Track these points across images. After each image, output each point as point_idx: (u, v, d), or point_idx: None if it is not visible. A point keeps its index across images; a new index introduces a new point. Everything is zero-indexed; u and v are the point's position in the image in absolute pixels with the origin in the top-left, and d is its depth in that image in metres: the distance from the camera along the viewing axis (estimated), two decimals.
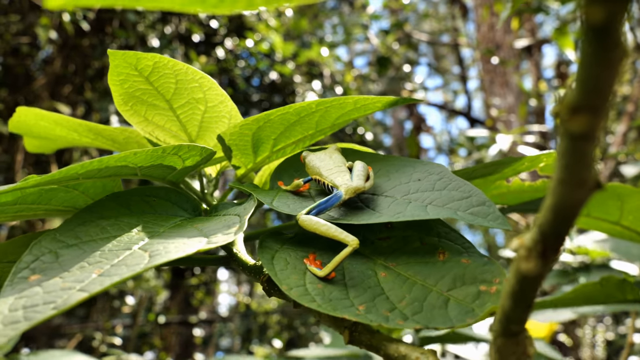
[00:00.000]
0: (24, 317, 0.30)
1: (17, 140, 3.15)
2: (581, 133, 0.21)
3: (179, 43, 3.72)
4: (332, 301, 0.37)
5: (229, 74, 3.88)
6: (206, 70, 3.38)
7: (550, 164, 0.58)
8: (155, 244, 0.37)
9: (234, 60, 3.91)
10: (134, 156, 0.41)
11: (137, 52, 0.48)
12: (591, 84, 0.19)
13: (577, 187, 0.22)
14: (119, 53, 0.48)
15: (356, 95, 0.50)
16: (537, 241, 0.24)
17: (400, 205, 0.42)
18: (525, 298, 0.26)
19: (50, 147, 0.69)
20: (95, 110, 3.44)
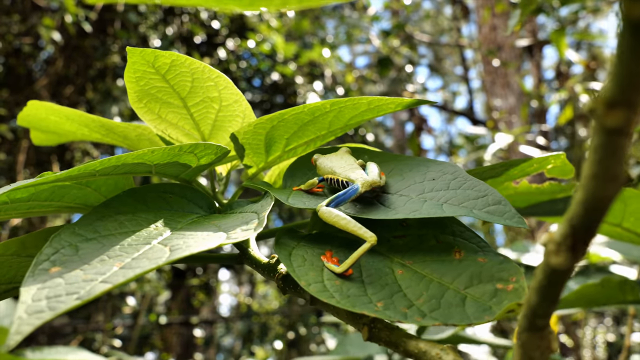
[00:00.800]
0: (48, 307, 0.30)
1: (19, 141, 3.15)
2: (617, 128, 0.21)
3: (180, 44, 3.72)
4: (350, 297, 0.37)
5: (231, 74, 3.88)
6: None
7: (559, 166, 0.58)
8: (175, 239, 0.37)
9: (235, 61, 3.91)
10: (151, 154, 0.41)
11: (155, 49, 0.48)
12: (628, 79, 0.19)
13: (609, 181, 0.22)
14: (137, 50, 0.48)
15: (370, 96, 0.50)
16: (567, 235, 0.24)
17: (416, 204, 0.42)
18: (552, 292, 0.26)
19: (56, 141, 0.69)
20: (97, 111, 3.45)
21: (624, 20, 0.18)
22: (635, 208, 0.76)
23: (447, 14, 9.77)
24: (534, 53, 5.53)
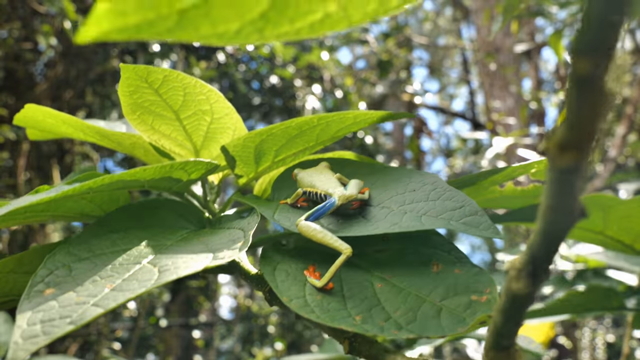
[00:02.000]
0: (42, 332, 0.32)
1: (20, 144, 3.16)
2: (569, 168, 0.22)
3: (179, 48, 3.74)
4: (330, 312, 0.39)
5: (230, 77, 3.90)
6: (206, 76, 3.39)
7: (542, 170, 0.60)
8: (164, 259, 0.39)
9: (234, 65, 3.93)
10: (143, 172, 0.43)
11: (148, 66, 0.50)
12: (578, 125, 0.21)
13: (564, 215, 0.24)
14: (130, 66, 0.50)
15: (356, 111, 0.52)
16: (527, 262, 0.26)
17: (396, 216, 0.43)
18: (515, 315, 0.28)
19: (51, 137, 0.71)
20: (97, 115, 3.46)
21: (572, 73, 0.20)
22: (616, 216, 0.77)
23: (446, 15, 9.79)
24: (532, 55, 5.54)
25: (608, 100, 0.21)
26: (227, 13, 0.22)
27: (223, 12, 0.22)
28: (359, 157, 0.62)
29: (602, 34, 0.19)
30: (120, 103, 0.55)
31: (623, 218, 0.78)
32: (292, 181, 0.55)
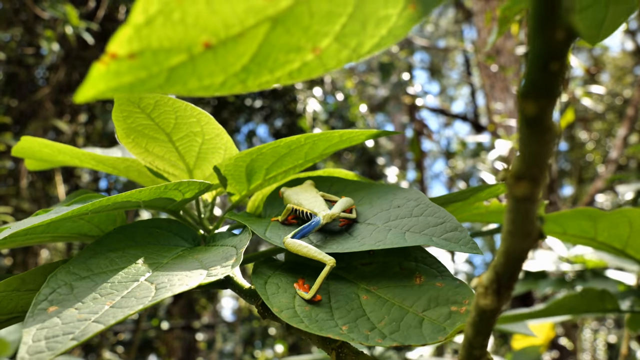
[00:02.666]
0: (47, 347, 0.34)
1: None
2: (524, 196, 0.24)
3: None
4: (319, 322, 0.41)
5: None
6: None
7: None
8: (160, 276, 0.41)
9: None
10: (138, 193, 0.45)
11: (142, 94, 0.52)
12: (530, 158, 0.23)
13: (523, 238, 0.26)
14: (123, 95, 0.52)
15: (341, 130, 0.54)
16: (492, 280, 0.28)
17: (381, 233, 0.46)
18: (484, 328, 0.30)
19: (49, 167, 0.73)
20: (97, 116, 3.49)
21: (521, 114, 0.22)
22: (605, 225, 0.81)
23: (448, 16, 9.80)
24: None
25: (554, 137, 0.23)
26: (212, 68, 0.24)
27: (208, 67, 0.24)
28: (347, 174, 0.65)
29: (544, 80, 0.21)
30: (115, 128, 0.57)
31: (611, 227, 0.81)
32: (280, 200, 0.58)
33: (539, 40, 0.20)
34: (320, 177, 0.59)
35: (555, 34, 0.20)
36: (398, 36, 0.27)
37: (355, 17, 0.25)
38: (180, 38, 0.23)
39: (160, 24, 0.22)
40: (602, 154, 6.75)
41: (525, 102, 0.22)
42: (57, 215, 0.41)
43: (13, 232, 0.41)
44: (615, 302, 1.00)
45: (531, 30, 0.20)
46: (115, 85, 0.24)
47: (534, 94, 0.21)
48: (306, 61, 0.26)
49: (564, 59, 0.20)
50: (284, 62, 0.26)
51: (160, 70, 0.24)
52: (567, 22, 0.20)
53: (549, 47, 0.20)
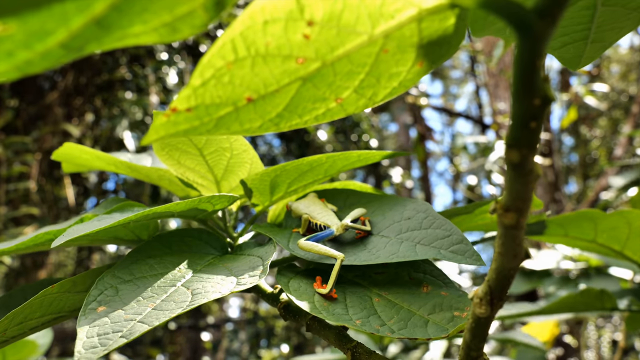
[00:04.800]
0: (100, 343, 0.39)
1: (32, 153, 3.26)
2: (511, 225, 0.30)
3: (186, 54, 3.82)
4: (335, 315, 0.46)
5: None
6: None
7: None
8: (195, 282, 0.46)
9: None
10: (176, 206, 0.51)
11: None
12: (515, 194, 0.28)
13: (511, 258, 0.31)
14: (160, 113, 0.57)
15: (359, 151, 0.59)
16: (486, 293, 0.33)
17: (394, 246, 0.51)
18: (480, 332, 0.35)
19: (84, 170, 0.79)
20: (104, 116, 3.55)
21: (506, 160, 0.27)
22: (604, 227, 0.85)
23: None
24: None
25: (535, 178, 0.28)
26: (252, 116, 0.30)
27: (249, 116, 0.29)
28: (361, 186, 0.70)
29: (525, 135, 0.26)
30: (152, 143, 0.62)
31: (611, 229, 0.85)
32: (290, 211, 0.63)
33: (521, 105, 0.25)
34: (336, 190, 0.64)
35: (533, 101, 0.25)
36: (408, 87, 0.32)
37: (371, 74, 0.30)
38: (228, 95, 0.28)
39: (212, 85, 0.28)
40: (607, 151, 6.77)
41: (510, 151, 0.27)
42: (109, 224, 0.47)
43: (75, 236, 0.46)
44: (614, 302, 1.04)
45: (514, 97, 0.25)
46: (173, 132, 0.29)
47: (516, 146, 0.26)
48: (330, 108, 0.32)
49: (541, 119, 0.26)
50: (311, 109, 0.31)
51: (210, 119, 0.29)
52: (543, 91, 0.25)
53: (529, 111, 0.25)
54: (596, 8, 0.37)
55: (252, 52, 0.27)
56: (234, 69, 0.27)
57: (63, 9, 0.19)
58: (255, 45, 0.27)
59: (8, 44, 0.20)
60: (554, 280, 1.61)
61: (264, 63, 0.27)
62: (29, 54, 0.21)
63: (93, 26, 0.21)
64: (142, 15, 0.22)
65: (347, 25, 0.27)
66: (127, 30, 0.22)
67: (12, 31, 0.19)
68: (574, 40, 0.41)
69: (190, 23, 0.23)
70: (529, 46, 0.24)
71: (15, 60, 0.21)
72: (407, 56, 0.30)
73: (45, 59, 0.21)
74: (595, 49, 0.41)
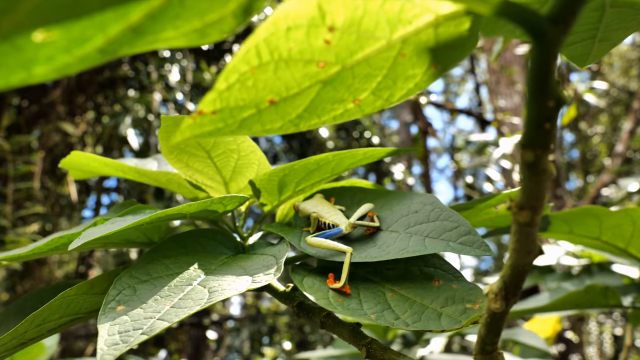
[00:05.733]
0: (121, 340, 0.40)
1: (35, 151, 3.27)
2: (525, 222, 0.30)
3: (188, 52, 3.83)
4: (350, 310, 0.47)
5: None
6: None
7: None
8: (211, 281, 0.47)
9: None
10: (188, 207, 0.52)
11: (184, 115, 0.58)
12: (530, 193, 0.29)
13: (526, 255, 0.32)
14: (169, 117, 0.58)
15: (365, 148, 0.60)
16: (501, 288, 0.34)
17: (404, 241, 0.52)
18: (494, 327, 0.36)
19: (92, 176, 0.80)
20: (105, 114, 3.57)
21: (522, 161, 0.28)
22: (609, 224, 0.86)
23: None
24: None
25: (549, 177, 0.29)
26: (273, 117, 0.31)
27: (270, 117, 0.30)
28: (367, 183, 0.71)
29: (539, 136, 0.27)
30: (160, 146, 0.63)
31: (615, 226, 0.86)
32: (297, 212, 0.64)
33: (535, 107, 0.26)
34: (343, 188, 0.65)
35: (547, 103, 0.26)
36: (422, 88, 0.33)
37: (388, 77, 0.31)
38: (251, 98, 0.29)
39: (237, 88, 0.29)
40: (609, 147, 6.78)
41: (525, 151, 0.28)
42: (122, 227, 0.48)
43: (89, 239, 0.47)
44: (618, 298, 1.05)
45: (528, 99, 0.26)
46: (198, 133, 0.30)
47: (531, 146, 0.27)
48: (347, 109, 0.33)
49: (555, 120, 0.26)
50: (329, 110, 0.32)
51: (234, 121, 0.30)
52: (556, 93, 0.26)
53: (543, 112, 0.26)
54: (605, 9, 0.38)
55: (275, 57, 0.28)
56: (257, 73, 0.28)
57: (102, 18, 0.20)
58: (279, 50, 0.28)
59: (50, 49, 0.21)
60: (557, 276, 1.62)
61: (286, 67, 0.28)
62: (68, 58, 0.22)
63: (129, 32, 0.22)
64: (174, 21, 0.23)
65: (366, 30, 0.28)
66: (159, 35, 0.23)
67: (54, 38, 0.20)
68: (582, 39, 0.42)
69: (220, 29, 0.24)
70: (543, 51, 0.25)
71: (54, 64, 0.22)
72: (423, 59, 0.31)
73: (82, 62, 0.22)
74: (603, 48, 0.42)
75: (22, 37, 0.20)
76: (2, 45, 0.20)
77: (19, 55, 0.20)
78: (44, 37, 0.20)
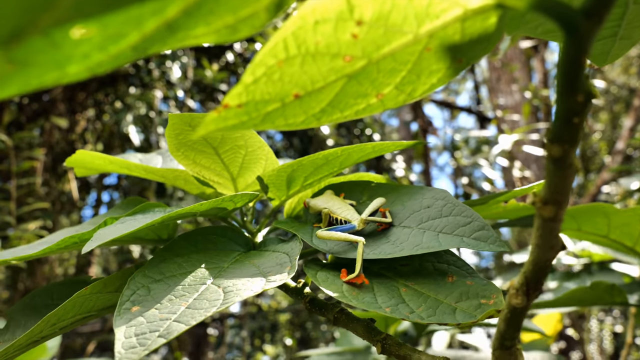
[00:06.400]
0: (139, 343, 0.39)
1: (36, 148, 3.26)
2: (549, 217, 0.30)
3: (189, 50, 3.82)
4: (365, 303, 0.47)
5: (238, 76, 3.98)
6: (218, 78, 3.47)
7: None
8: (225, 280, 0.47)
9: (243, 64, 4.01)
10: (200, 206, 0.52)
11: (192, 113, 0.58)
12: (555, 188, 0.29)
13: (548, 250, 0.32)
14: (177, 115, 0.58)
15: (373, 142, 0.60)
16: (522, 284, 0.34)
17: (417, 237, 0.51)
18: (515, 322, 0.36)
19: (96, 173, 0.80)
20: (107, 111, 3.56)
21: (547, 155, 0.28)
22: (618, 222, 0.86)
23: None
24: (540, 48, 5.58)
25: (574, 172, 0.29)
26: (297, 111, 0.30)
27: (294, 111, 0.30)
28: (375, 177, 0.71)
29: (568, 131, 0.27)
30: (167, 143, 0.63)
31: (624, 225, 0.86)
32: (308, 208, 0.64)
33: (565, 101, 0.26)
34: (353, 182, 0.65)
35: (577, 97, 0.26)
36: (445, 82, 0.33)
37: (412, 71, 0.31)
38: (277, 92, 0.29)
39: (263, 82, 0.28)
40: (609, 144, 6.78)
41: (552, 146, 0.28)
42: (137, 227, 0.48)
43: (100, 243, 0.47)
44: (624, 296, 1.05)
45: (558, 93, 0.26)
46: (222, 127, 0.30)
47: (559, 141, 0.27)
48: (370, 103, 0.32)
49: (584, 115, 0.26)
50: (352, 104, 0.32)
51: (258, 115, 0.30)
52: (587, 88, 0.26)
53: (572, 107, 0.26)
54: (627, 6, 0.38)
55: (302, 51, 0.28)
56: (284, 67, 0.28)
57: (140, 13, 0.20)
58: (306, 44, 0.28)
59: (85, 46, 0.20)
60: (558, 275, 1.62)
61: (313, 61, 0.28)
62: (102, 56, 0.21)
63: (163, 29, 0.22)
64: (207, 17, 0.22)
65: (394, 24, 0.28)
66: (191, 32, 0.23)
67: (91, 34, 0.20)
68: (603, 37, 0.41)
69: (251, 24, 0.24)
70: (575, 45, 0.25)
71: (89, 62, 0.21)
72: (448, 54, 0.31)
73: (116, 60, 0.22)
74: (623, 46, 0.42)
75: (61, 34, 0.19)
76: (40, 42, 0.19)
77: (56, 53, 0.20)
78: (81, 34, 0.20)
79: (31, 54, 0.20)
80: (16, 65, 0.20)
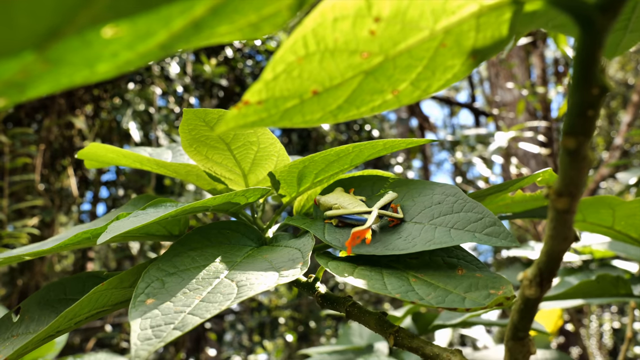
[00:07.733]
0: (154, 335, 0.40)
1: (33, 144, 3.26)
2: (563, 209, 0.31)
3: None
4: (375, 289, 0.47)
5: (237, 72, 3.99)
6: (217, 72, 3.48)
7: (547, 178, 0.68)
8: (238, 274, 0.48)
9: (242, 60, 4.01)
10: (213, 200, 0.52)
11: (206, 108, 0.58)
12: (569, 180, 0.30)
13: (562, 241, 0.33)
14: (191, 110, 0.58)
15: (385, 139, 0.60)
16: (536, 275, 0.35)
17: (429, 233, 0.52)
18: (528, 313, 0.37)
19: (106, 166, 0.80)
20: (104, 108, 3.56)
21: (562, 147, 0.29)
22: (622, 214, 0.86)
23: None
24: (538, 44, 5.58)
25: (589, 165, 0.29)
26: (315, 108, 0.31)
27: (312, 108, 0.31)
28: (383, 173, 0.71)
29: (582, 123, 0.27)
30: (180, 139, 0.63)
31: (629, 216, 0.86)
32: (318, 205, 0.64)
33: (579, 94, 0.27)
34: (362, 177, 0.65)
35: (592, 90, 0.26)
36: (460, 78, 0.33)
37: (428, 67, 0.32)
38: (296, 88, 0.30)
39: (283, 79, 0.29)
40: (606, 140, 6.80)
41: (567, 138, 0.28)
42: (149, 220, 0.48)
43: (113, 235, 0.47)
44: (629, 288, 1.06)
45: (573, 86, 0.27)
46: (242, 123, 0.30)
47: (573, 133, 0.28)
48: (386, 100, 0.33)
49: (598, 108, 0.27)
50: (369, 101, 0.33)
51: (277, 111, 0.30)
52: (601, 81, 0.26)
53: (587, 99, 0.27)
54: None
55: (321, 48, 0.28)
56: (303, 64, 0.29)
57: (169, 12, 0.21)
58: (325, 41, 0.28)
59: (115, 45, 0.21)
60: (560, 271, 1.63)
61: (331, 58, 0.29)
62: (131, 55, 0.22)
63: (190, 27, 0.22)
64: (232, 15, 0.23)
65: (411, 21, 0.28)
66: (215, 30, 0.23)
67: (122, 33, 0.20)
68: (614, 30, 0.42)
69: (273, 22, 0.24)
70: (590, 39, 0.25)
71: (117, 61, 0.22)
72: (463, 50, 0.31)
73: (143, 58, 0.23)
74: (633, 39, 0.43)
75: (94, 33, 0.20)
76: (73, 41, 0.20)
77: (87, 52, 0.21)
78: (112, 33, 0.20)
79: (66, 53, 0.20)
80: (50, 64, 0.21)
